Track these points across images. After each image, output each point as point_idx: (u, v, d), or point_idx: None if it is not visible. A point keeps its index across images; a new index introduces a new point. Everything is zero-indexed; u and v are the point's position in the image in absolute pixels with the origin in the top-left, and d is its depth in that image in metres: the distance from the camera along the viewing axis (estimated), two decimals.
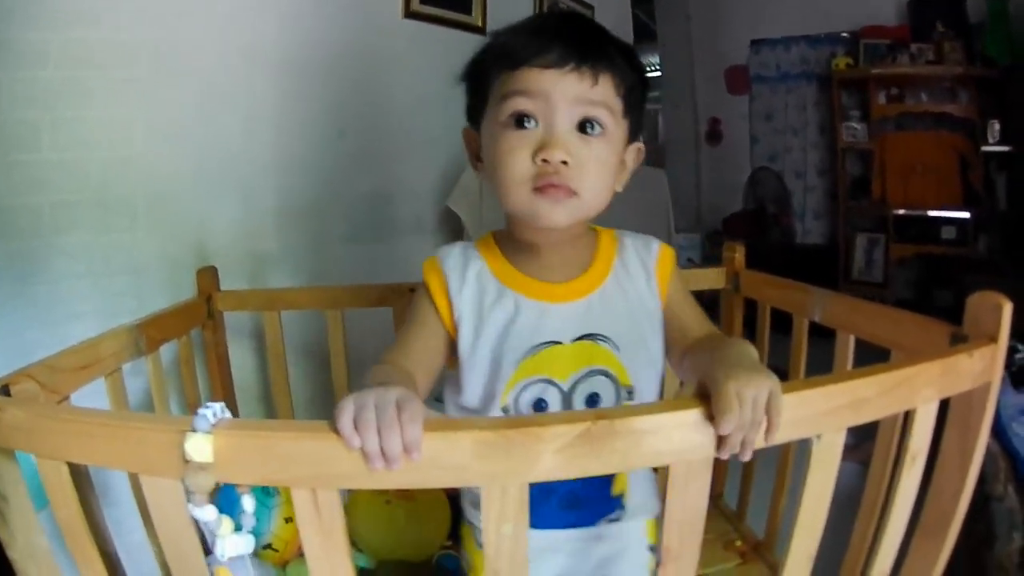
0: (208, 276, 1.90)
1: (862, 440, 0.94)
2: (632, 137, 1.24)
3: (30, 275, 1.84)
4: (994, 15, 5.52)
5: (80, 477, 1.02)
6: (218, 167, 2.26)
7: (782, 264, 1.92)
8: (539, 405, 1.21)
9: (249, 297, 1.98)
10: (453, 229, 3.19)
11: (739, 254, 1.93)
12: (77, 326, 1.82)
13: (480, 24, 3.40)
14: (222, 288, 1.93)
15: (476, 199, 2.97)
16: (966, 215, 5.74)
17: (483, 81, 1.20)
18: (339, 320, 1.93)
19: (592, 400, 1.22)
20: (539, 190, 1.11)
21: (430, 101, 3.03)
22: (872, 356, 1.26)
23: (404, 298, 1.88)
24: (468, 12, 3.35)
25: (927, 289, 5.55)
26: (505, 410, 1.21)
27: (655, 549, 1.33)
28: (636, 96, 1.20)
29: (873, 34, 6.16)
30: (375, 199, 2.89)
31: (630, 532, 1.31)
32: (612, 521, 1.28)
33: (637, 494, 1.29)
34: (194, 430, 0.76)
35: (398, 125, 2.99)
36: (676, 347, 1.22)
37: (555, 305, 1.23)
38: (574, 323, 1.22)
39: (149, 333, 1.55)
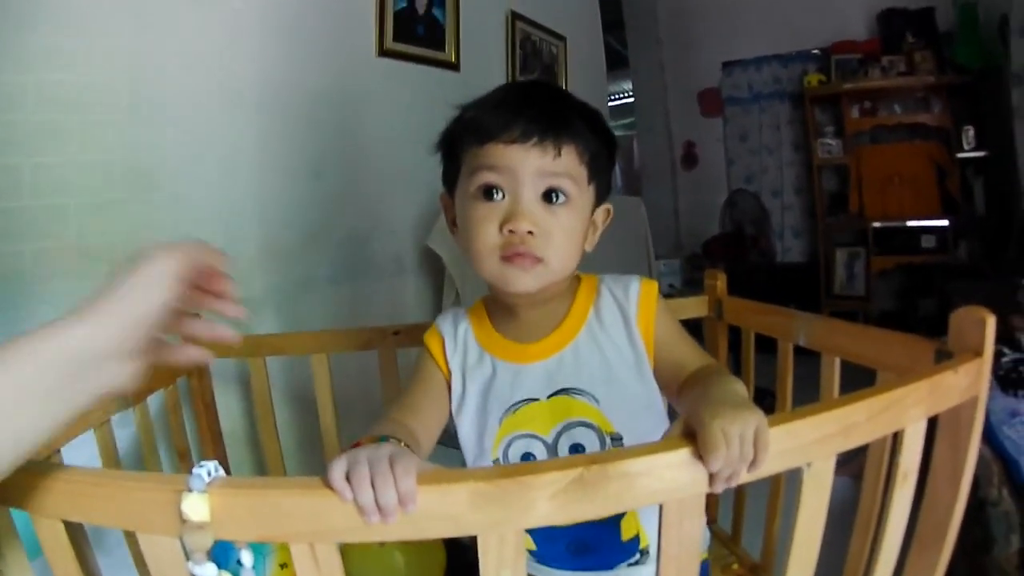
0: None
1: (852, 455, 0.94)
2: (599, 200, 1.29)
3: (14, 322, 1.81)
4: (963, 21, 5.57)
5: (76, 532, 1.02)
6: (198, 211, 2.25)
7: (764, 284, 1.93)
8: (526, 458, 1.27)
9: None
10: (434, 269, 3.19)
11: (720, 281, 1.93)
12: None
13: (453, 60, 3.42)
14: None
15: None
16: (945, 223, 5.78)
17: (454, 152, 1.26)
18: (325, 364, 1.92)
19: (576, 450, 1.26)
20: (507, 259, 1.17)
21: (406, 139, 3.04)
22: (857, 372, 1.27)
23: (388, 340, 1.89)
24: (442, 49, 3.37)
25: (910, 299, 5.59)
26: (496, 462, 1.27)
27: None
28: (601, 162, 1.25)
29: (844, 49, 6.22)
30: (355, 240, 2.88)
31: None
32: (633, 565, 1.30)
33: None
34: (190, 490, 0.76)
35: (376, 164, 3.00)
36: (672, 384, 1.22)
37: (527, 365, 1.29)
38: (547, 380, 1.27)
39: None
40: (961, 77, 5.69)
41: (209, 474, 0.79)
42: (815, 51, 6.48)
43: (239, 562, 0.93)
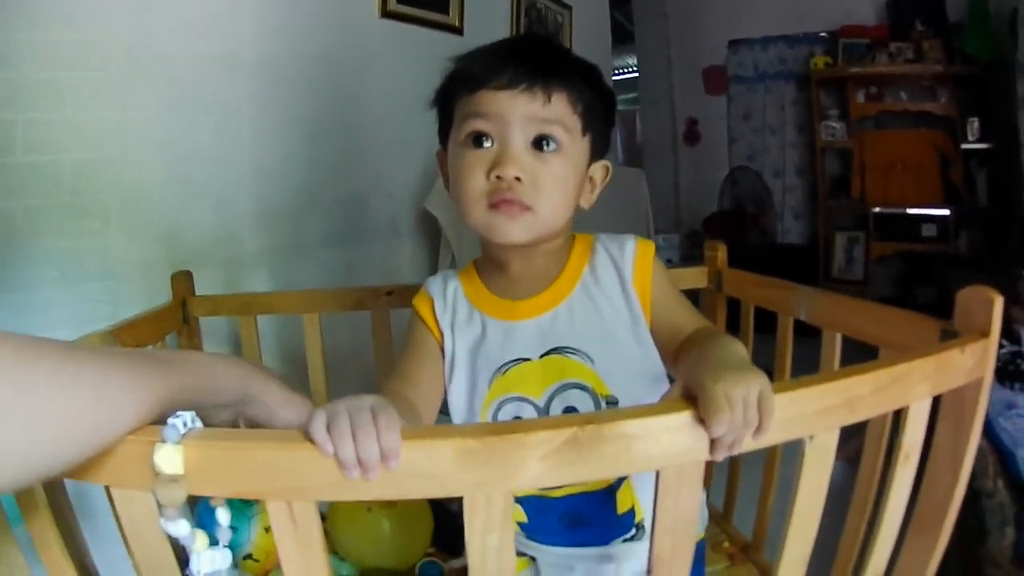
0: (183, 281, 1.87)
1: (847, 438, 0.91)
2: (596, 155, 1.26)
3: (4, 281, 1.81)
4: (974, 13, 5.54)
5: (54, 490, 1.00)
6: (192, 170, 2.23)
7: (762, 264, 1.90)
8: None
9: (224, 302, 1.94)
10: (430, 231, 3.18)
11: (721, 253, 1.91)
12: (53, 333, 1.78)
13: (457, 24, 3.39)
14: (197, 293, 1.90)
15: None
16: (946, 212, 5.77)
17: (448, 104, 1.24)
18: (316, 324, 1.90)
19: (569, 413, 1.21)
20: (494, 206, 1.15)
21: (407, 102, 3.01)
22: (857, 356, 1.24)
23: (381, 301, 1.87)
24: (446, 12, 3.34)
25: (909, 286, 5.58)
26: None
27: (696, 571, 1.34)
28: (596, 114, 1.22)
29: (852, 33, 6.19)
30: (351, 202, 2.86)
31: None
32: (629, 541, 1.27)
33: None
34: (163, 441, 0.72)
35: (374, 126, 2.97)
36: (669, 348, 1.19)
37: (518, 323, 1.25)
38: (539, 338, 1.23)
39: (123, 339, 1.51)
40: (969, 68, 5.67)
41: (185, 425, 0.75)
42: (823, 34, 6.45)
43: (218, 524, 0.90)
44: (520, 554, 1.32)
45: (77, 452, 0.70)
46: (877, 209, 5.96)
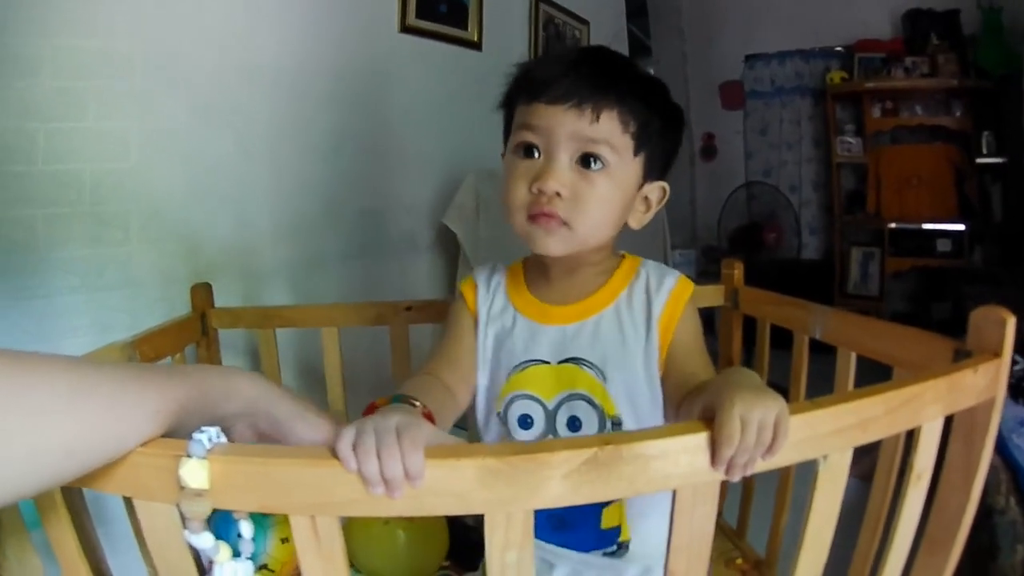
0: (202, 292, 1.88)
1: (860, 455, 0.92)
2: (652, 175, 1.25)
3: (25, 289, 1.82)
4: (988, 26, 5.53)
5: (73, 498, 1.01)
6: (212, 181, 2.25)
7: (778, 279, 1.91)
8: (524, 421, 1.27)
9: (244, 314, 1.95)
10: (448, 246, 3.18)
11: (738, 271, 1.91)
12: (72, 341, 1.81)
13: (476, 39, 3.40)
14: (216, 305, 1.91)
15: (472, 216, 2.96)
16: (961, 227, 5.74)
17: (510, 109, 1.26)
18: (335, 338, 1.90)
19: (573, 423, 1.25)
20: (532, 218, 1.16)
21: (426, 117, 3.03)
22: (871, 374, 1.24)
23: (400, 316, 1.87)
24: (464, 27, 3.36)
25: (923, 302, 5.55)
26: (499, 415, 1.28)
27: None
28: (652, 134, 1.21)
29: (867, 47, 6.16)
30: (370, 216, 2.87)
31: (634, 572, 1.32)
32: (609, 556, 1.29)
33: (647, 540, 1.29)
34: (189, 455, 0.74)
35: (394, 141, 2.98)
36: (676, 394, 1.17)
37: (544, 326, 1.27)
38: (561, 345, 1.25)
39: (143, 350, 1.53)
40: (983, 81, 5.65)
41: (210, 440, 0.77)
42: (838, 48, 6.42)
43: (240, 535, 0.91)
44: None
45: (83, 465, 0.72)
46: (892, 224, 5.92)
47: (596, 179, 1.15)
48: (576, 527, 1.28)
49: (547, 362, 1.25)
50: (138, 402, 0.76)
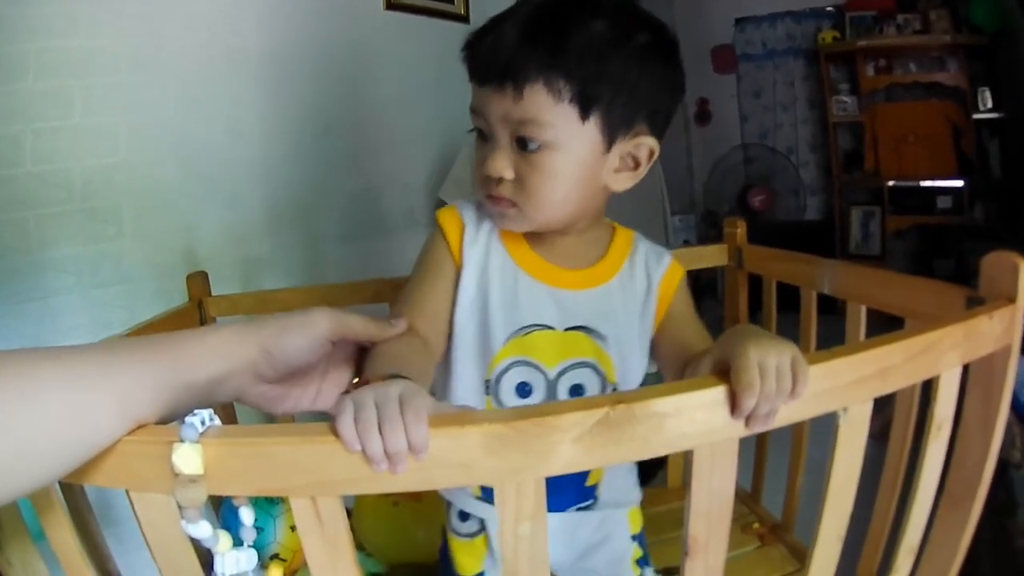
0: (199, 281, 1.85)
1: (874, 414, 0.90)
2: (619, 134, 1.12)
3: (20, 292, 1.82)
4: None
5: (74, 496, 0.99)
6: (204, 170, 2.24)
7: (778, 241, 1.87)
8: (522, 389, 1.19)
9: (241, 301, 1.92)
10: None
11: (741, 229, 1.89)
12: (71, 339, 1.79)
13: (463, 12, 3.37)
14: (213, 293, 1.88)
15: (469, 188, 2.93)
16: (960, 184, 5.71)
17: None
18: None
19: (576, 391, 1.20)
20: (488, 200, 1.14)
21: (417, 92, 3.01)
22: (878, 331, 1.22)
23: (398, 292, 1.84)
24: (450, 1, 3.31)
25: (926, 260, 5.55)
26: (487, 383, 1.19)
27: (638, 538, 1.34)
28: (604, 90, 1.06)
29: (858, 6, 6.13)
30: (366, 195, 2.86)
31: (612, 522, 1.30)
32: (582, 510, 1.26)
33: (613, 485, 1.27)
34: (181, 440, 0.71)
35: (385, 119, 2.97)
36: (677, 360, 1.16)
37: (558, 290, 1.20)
38: (571, 311, 1.19)
39: None
40: (977, 37, 5.61)
41: (203, 423, 0.74)
42: (829, 8, 6.38)
43: (241, 524, 0.89)
44: (474, 533, 1.31)
45: (43, 472, 0.70)
46: (891, 183, 5.91)
47: (536, 159, 1.07)
48: (561, 489, 1.19)
49: (553, 327, 1.18)
50: (102, 400, 0.72)
